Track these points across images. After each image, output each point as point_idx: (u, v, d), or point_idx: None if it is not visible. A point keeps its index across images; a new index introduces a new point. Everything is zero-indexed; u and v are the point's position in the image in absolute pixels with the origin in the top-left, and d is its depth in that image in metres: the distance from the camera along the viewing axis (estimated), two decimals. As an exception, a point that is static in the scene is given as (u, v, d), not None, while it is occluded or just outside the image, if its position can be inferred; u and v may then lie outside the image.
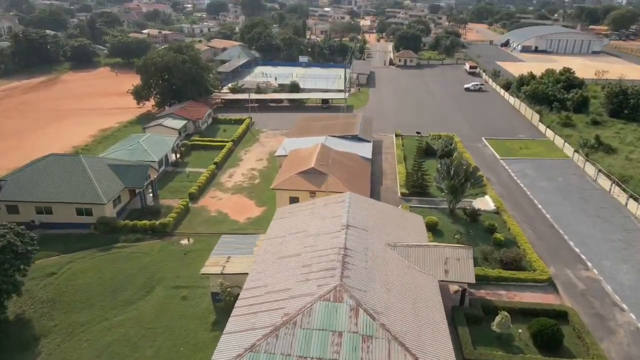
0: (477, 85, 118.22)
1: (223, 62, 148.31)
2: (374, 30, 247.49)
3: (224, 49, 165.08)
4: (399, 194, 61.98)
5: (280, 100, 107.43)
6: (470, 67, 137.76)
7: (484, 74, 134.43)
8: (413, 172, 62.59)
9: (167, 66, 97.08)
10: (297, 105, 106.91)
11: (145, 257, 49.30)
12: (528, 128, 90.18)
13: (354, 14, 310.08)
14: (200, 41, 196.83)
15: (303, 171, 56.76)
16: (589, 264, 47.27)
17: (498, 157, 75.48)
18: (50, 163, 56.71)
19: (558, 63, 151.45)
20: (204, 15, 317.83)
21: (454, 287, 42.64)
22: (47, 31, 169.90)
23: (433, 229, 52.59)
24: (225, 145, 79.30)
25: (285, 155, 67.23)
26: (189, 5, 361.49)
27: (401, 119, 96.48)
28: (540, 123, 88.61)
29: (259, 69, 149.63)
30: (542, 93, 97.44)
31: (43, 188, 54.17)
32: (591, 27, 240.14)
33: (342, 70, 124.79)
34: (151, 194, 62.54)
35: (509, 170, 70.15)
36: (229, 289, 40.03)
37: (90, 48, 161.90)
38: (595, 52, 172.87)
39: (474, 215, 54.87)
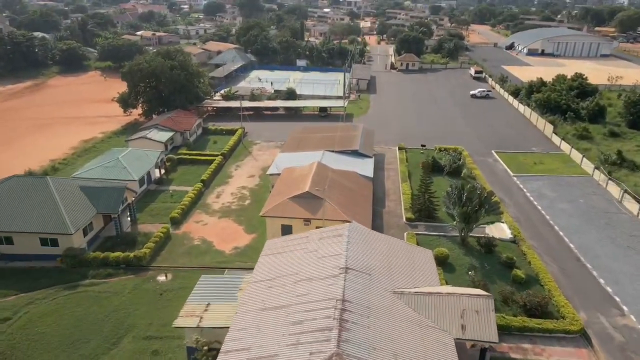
0: (483, 91, 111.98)
1: (217, 66, 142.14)
2: (374, 32, 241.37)
3: (219, 52, 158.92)
4: (404, 219, 55.76)
5: (276, 108, 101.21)
6: (476, 72, 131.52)
7: (490, 79, 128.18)
8: (419, 194, 56.36)
9: (154, 73, 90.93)
10: (294, 114, 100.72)
11: (115, 297, 43.05)
12: (541, 140, 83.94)
13: (353, 15, 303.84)
14: (194, 44, 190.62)
15: (297, 195, 50.55)
16: (625, 308, 41.08)
17: (511, 173, 69.25)
18: (12, 186, 50.49)
19: (566, 67, 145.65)
20: (201, 16, 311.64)
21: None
22: (35, 33, 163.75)
23: (443, 263, 46.44)
24: (214, 160, 73.13)
25: (278, 174, 61.06)
26: (185, 6, 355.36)
27: (404, 129, 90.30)
28: (554, 134, 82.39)
29: (254, 74, 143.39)
30: (554, 101, 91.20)
31: (3, 215, 47.95)
32: (597, 28, 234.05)
33: (342, 75, 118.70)
34: (129, 218, 56.37)
35: (524, 190, 63.93)
36: (205, 348, 33.81)
37: (80, 51, 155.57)
38: (604, 56, 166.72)
39: (489, 245, 48.69)
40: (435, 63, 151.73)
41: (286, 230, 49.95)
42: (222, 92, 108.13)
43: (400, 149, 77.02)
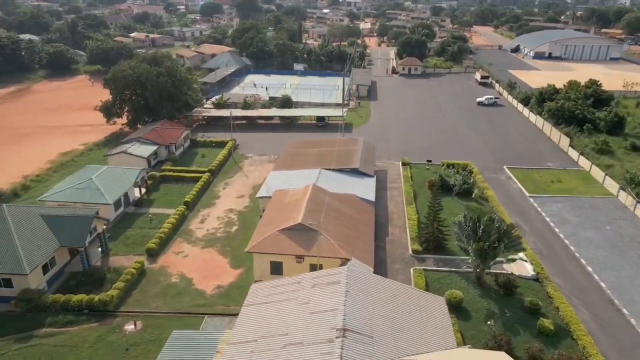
0: (491, 99, 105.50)
1: (211, 70, 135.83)
2: (375, 34, 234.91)
3: (213, 56, 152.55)
4: (410, 251, 49.36)
5: (270, 118, 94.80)
6: (482, 77, 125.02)
7: (497, 85, 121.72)
8: (428, 223, 49.96)
9: (139, 80, 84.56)
10: (289, 123, 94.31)
11: (72, 354, 36.67)
12: (556, 154, 77.52)
13: (353, 16, 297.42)
14: (188, 46, 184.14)
15: (288, 227, 44.18)
16: (674, 369, 34.72)
17: (527, 194, 62.83)
18: (-37, 216, 44.10)
19: (576, 72, 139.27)
20: (197, 17, 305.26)
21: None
22: (23, 36, 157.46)
23: (457, 308, 40.09)
24: (201, 178, 66.75)
25: (269, 197, 54.69)
26: (182, 7, 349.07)
27: (408, 141, 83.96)
28: (570, 148, 76.01)
29: (249, 78, 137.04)
30: (568, 111, 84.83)
31: (-51, 252, 41.59)
32: (603, 30, 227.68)
33: (341, 80, 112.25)
34: (100, 249, 49.99)
35: (543, 214, 57.53)
36: None
37: (68, 54, 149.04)
38: (613, 59, 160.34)
39: (508, 286, 42.30)
40: (439, 67, 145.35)
41: (276, 267, 43.61)
42: (213, 99, 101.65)
43: (404, 164, 70.62)
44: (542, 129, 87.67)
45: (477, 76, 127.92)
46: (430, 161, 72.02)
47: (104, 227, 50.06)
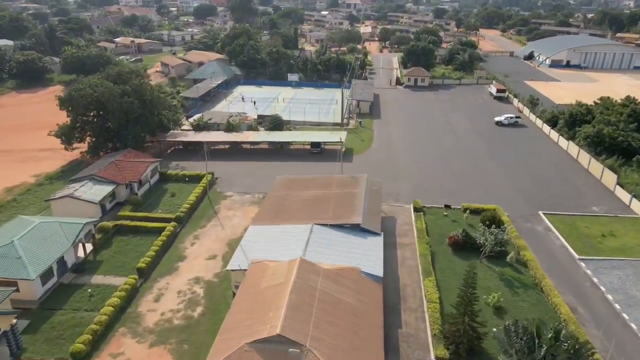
0: (511, 118, 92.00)
1: (196, 81, 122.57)
2: (376, 38, 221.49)
3: (201, 64, 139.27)
4: (433, 357, 35.97)
5: (257, 143, 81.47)
6: (498, 91, 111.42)
7: (515, 100, 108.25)
8: (457, 316, 36.60)
9: (99, 101, 71.28)
10: (279, 149, 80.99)
11: None
12: (601, 194, 64.06)
13: (353, 18, 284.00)
14: (174, 53, 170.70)
15: (262, 339, 30.82)
16: None
17: (575, 255, 49.54)
18: None
19: (600, 83, 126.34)
20: (190, 20, 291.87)
21: None
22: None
23: None
24: (165, 228, 53.50)
25: (244, 270, 41.42)
26: (174, 9, 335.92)
27: (418, 174, 70.68)
28: (618, 187, 62.68)
29: (239, 90, 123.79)
30: (609, 137, 71.56)
31: None
32: (618, 35, 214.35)
33: (340, 92, 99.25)
34: (9, 349, 36.67)
35: (601, 288, 44.21)
36: None
37: (40, 63, 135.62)
38: (637, 68, 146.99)
39: None
40: (447, 77, 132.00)
41: (244, 399, 30.24)
42: (193, 119, 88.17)
43: (416, 209, 57.32)
44: (578, 158, 74.23)
45: (492, 89, 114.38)
46: (449, 206, 58.71)
47: (14, 321, 36.70)
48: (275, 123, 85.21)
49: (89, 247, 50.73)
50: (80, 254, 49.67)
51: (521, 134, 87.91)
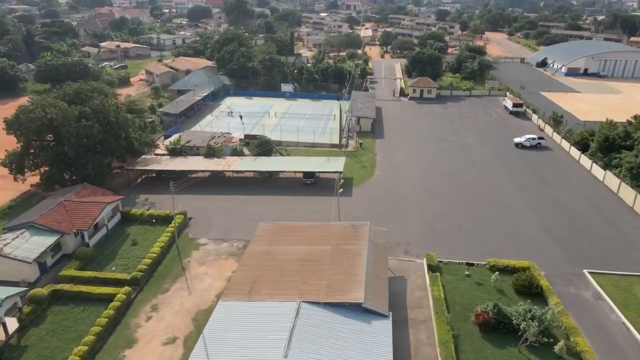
0: (534, 139, 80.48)
1: (180, 92, 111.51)
2: (377, 42, 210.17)
3: (188, 72, 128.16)
4: None
5: (241, 171, 70.18)
6: (514, 105, 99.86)
7: (533, 116, 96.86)
8: None
9: (52, 125, 60.07)
10: (267, 178, 69.71)
11: None
12: (653, 240, 53.00)
13: (352, 21, 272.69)
14: (160, 60, 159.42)
15: None
16: None
17: (639, 338, 38.22)
18: None
19: (625, 95, 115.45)
20: (184, 22, 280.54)
21: None
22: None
23: None
24: (116, 294, 42.29)
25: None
26: (168, 11, 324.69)
27: (430, 211, 59.47)
28: (676, 235, 51.47)
29: (228, 102, 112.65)
30: (656, 168, 60.30)
31: None
32: (632, 39, 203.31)
33: (338, 105, 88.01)
34: None
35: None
36: None
37: (12, 71, 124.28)
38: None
39: None
40: (456, 88, 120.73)
41: None
42: (169, 141, 76.78)
43: (431, 268, 46.01)
44: (619, 193, 62.86)
45: (508, 103, 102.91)
46: (472, 264, 47.41)
47: None
48: (264, 149, 73.77)
49: (11, 324, 39.48)
50: (1, 335, 38.48)
51: (546, 160, 76.47)
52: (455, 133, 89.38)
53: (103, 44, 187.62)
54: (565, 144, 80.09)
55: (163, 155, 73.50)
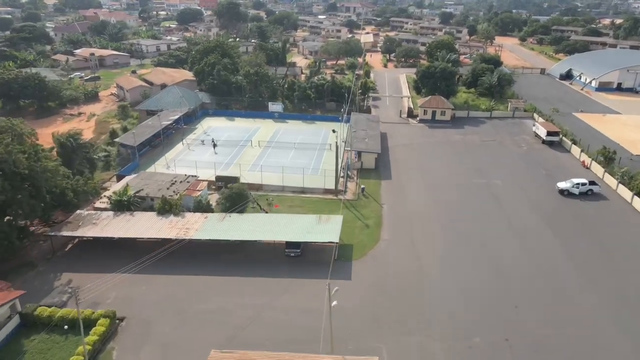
0: (583, 185, 62.93)
1: (150, 113, 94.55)
2: (379, 48, 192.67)
3: (164, 87, 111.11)
4: None
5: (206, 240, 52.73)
6: (549, 134, 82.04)
7: (573, 148, 79.23)
8: None
9: None
10: (239, 245, 52.27)
11: None
12: None
13: (352, 25, 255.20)
14: (133, 71, 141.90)
15: None
16: None
17: None
18: None
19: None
20: (172, 26, 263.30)
21: None
22: None
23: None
24: None
25: None
26: (162, 13, 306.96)
27: (461, 312, 42.18)
28: None
29: (205, 124, 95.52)
30: None
31: None
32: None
33: (336, 126, 70.92)
34: None
35: None
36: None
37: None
38: None
39: None
40: (473, 107, 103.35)
41: None
42: (112, 192, 59.06)
43: None
44: None
45: (540, 130, 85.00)
46: None
47: None
48: (236, 199, 56.36)
49: None
50: None
51: (605, 217, 58.70)
52: (479, 172, 72.00)
53: (77, 51, 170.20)
54: (624, 191, 62.62)
55: (105, 209, 56.20)
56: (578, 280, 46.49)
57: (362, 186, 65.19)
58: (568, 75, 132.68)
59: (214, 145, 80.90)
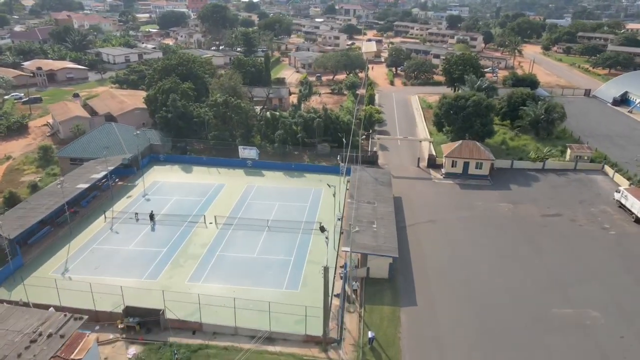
0: None
1: (74, 162, 68.09)
2: (383, 59, 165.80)
3: (108, 117, 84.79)
4: None
5: None
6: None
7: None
8: None
9: None
10: None
11: None
12: None
13: (352, 30, 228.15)
14: (75, 95, 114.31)
15: None
16: None
17: None
18: None
19: None
20: (153, 31, 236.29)
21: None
22: None
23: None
24: None
25: None
26: (134, 15, 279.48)
27: None
28: None
29: (149, 178, 68.81)
30: None
31: None
32: None
33: (334, 180, 44.24)
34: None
35: None
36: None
37: None
38: None
39: None
40: (513, 150, 76.54)
41: None
42: None
43: None
44: None
45: (629, 201, 57.95)
46: None
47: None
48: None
49: None
50: None
51: None
52: (557, 287, 44.99)
53: (26, 63, 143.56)
54: None
55: None
56: None
57: (371, 333, 38.10)
58: (623, 100, 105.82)
59: (151, 218, 54.80)
